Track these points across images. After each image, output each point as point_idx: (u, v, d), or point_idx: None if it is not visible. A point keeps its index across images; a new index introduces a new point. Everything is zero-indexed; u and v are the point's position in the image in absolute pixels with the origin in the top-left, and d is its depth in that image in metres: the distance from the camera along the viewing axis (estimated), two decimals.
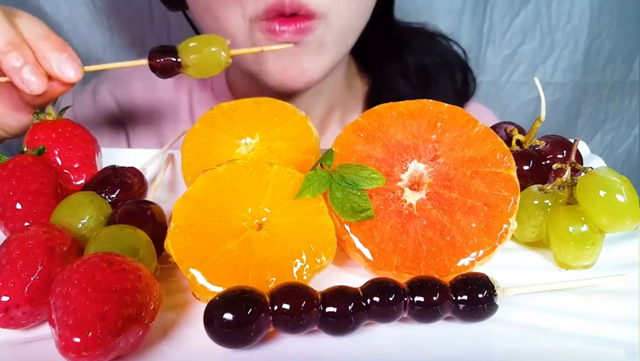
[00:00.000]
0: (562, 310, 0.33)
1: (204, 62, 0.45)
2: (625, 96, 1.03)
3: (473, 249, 0.34)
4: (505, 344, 0.31)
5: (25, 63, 0.40)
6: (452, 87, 0.76)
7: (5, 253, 0.30)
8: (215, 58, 0.45)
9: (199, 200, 0.34)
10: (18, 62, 0.40)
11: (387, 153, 0.37)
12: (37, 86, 0.40)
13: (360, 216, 0.34)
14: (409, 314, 0.31)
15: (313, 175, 0.35)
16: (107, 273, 0.27)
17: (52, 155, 0.40)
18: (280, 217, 0.34)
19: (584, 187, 0.36)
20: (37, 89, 0.40)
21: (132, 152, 0.52)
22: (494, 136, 0.37)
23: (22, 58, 0.40)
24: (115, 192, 0.38)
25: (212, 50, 0.45)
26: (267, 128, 0.43)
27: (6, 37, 0.40)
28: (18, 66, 0.40)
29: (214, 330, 0.28)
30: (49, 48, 0.41)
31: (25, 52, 0.40)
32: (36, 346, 0.30)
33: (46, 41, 0.41)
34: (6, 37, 0.40)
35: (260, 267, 0.32)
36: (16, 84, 0.40)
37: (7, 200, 0.36)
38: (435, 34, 0.77)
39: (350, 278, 0.36)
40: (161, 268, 0.34)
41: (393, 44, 0.74)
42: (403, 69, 0.74)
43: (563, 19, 0.94)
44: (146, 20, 0.86)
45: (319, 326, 0.30)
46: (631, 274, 0.34)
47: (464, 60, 0.77)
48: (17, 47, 0.40)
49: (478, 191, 0.35)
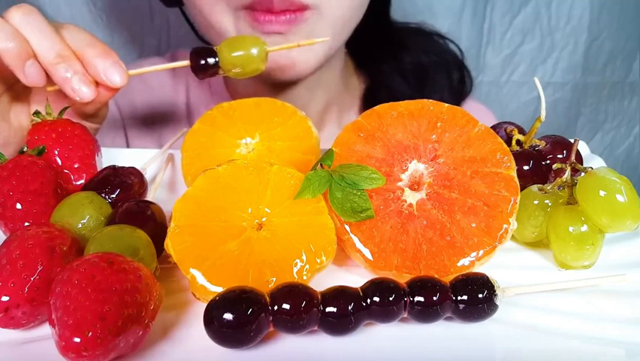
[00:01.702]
0: (562, 310, 0.33)
1: (243, 63, 0.46)
2: (625, 96, 1.03)
3: (473, 249, 0.34)
4: (505, 344, 0.31)
5: (74, 73, 0.42)
6: (449, 85, 0.76)
7: (5, 253, 0.30)
8: (253, 58, 0.46)
9: (199, 200, 0.34)
10: (68, 72, 0.42)
11: (387, 153, 0.37)
12: (87, 94, 0.42)
13: (360, 216, 0.34)
14: (409, 314, 0.31)
15: (313, 175, 0.35)
16: (107, 273, 0.27)
17: (52, 155, 0.40)
18: (280, 217, 0.34)
19: (584, 187, 0.36)
20: (86, 96, 0.42)
21: (132, 152, 0.52)
22: (494, 136, 0.37)
23: (72, 69, 0.42)
24: (115, 192, 0.38)
25: (252, 50, 0.46)
26: (268, 129, 0.43)
27: (56, 50, 0.42)
28: (68, 77, 0.42)
29: (214, 330, 0.28)
30: (95, 55, 0.43)
31: (74, 62, 0.42)
32: (36, 346, 0.30)
33: (92, 49, 0.43)
34: (56, 50, 0.42)
35: (260, 267, 0.32)
36: (67, 93, 0.42)
37: (7, 200, 0.36)
38: (431, 33, 0.77)
39: (350, 278, 0.36)
40: (161, 268, 0.34)
41: (390, 43, 0.74)
42: (399, 68, 0.74)
43: (562, 20, 0.95)
44: (146, 20, 0.86)
45: (319, 326, 0.30)
46: (631, 274, 0.34)
47: (461, 59, 0.78)
48: (66, 58, 0.42)
49: (478, 191, 0.35)
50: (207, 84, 0.73)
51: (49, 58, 0.42)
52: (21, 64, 0.41)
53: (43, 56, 0.42)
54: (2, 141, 0.45)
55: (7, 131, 0.45)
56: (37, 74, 0.42)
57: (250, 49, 0.46)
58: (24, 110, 0.47)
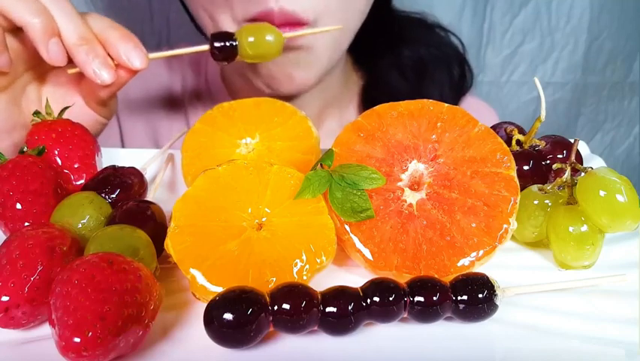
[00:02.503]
0: (562, 310, 0.33)
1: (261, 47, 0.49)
2: (625, 96, 1.03)
3: (473, 249, 0.34)
4: (505, 344, 0.31)
5: (96, 56, 0.43)
6: (449, 80, 0.75)
7: (5, 253, 0.30)
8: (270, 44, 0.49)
9: (199, 200, 0.34)
10: (90, 55, 0.43)
11: (387, 153, 0.37)
12: (107, 77, 0.43)
13: (360, 216, 0.34)
14: (409, 314, 0.31)
15: (313, 175, 0.35)
16: (107, 273, 0.27)
17: (52, 155, 0.40)
18: (280, 217, 0.34)
19: (584, 187, 0.36)
20: (107, 79, 0.43)
21: (132, 152, 0.52)
22: (494, 136, 0.37)
23: (93, 52, 0.43)
24: (115, 192, 0.38)
25: (268, 37, 0.48)
26: (268, 128, 0.43)
27: (79, 32, 0.43)
28: (90, 59, 0.43)
29: (214, 330, 0.28)
30: (117, 37, 0.44)
31: (96, 45, 0.44)
32: (36, 346, 0.30)
33: (114, 31, 0.45)
34: (79, 32, 0.43)
35: (260, 267, 0.32)
36: (88, 75, 0.43)
37: (7, 200, 0.36)
38: (433, 25, 0.76)
39: (350, 278, 0.36)
40: (161, 268, 0.34)
41: (390, 36, 0.74)
42: (398, 63, 0.74)
43: (562, 19, 0.95)
44: (146, 20, 0.86)
45: (319, 326, 0.30)
46: (631, 274, 0.34)
47: (462, 53, 0.77)
48: (89, 41, 0.43)
49: (478, 191, 0.35)
50: (204, 76, 0.73)
51: (73, 39, 0.43)
52: (46, 40, 0.42)
53: (68, 37, 0.43)
54: (9, 127, 0.45)
55: (16, 117, 0.45)
56: (60, 53, 0.42)
57: (266, 35, 0.48)
58: (36, 100, 0.47)
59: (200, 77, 0.73)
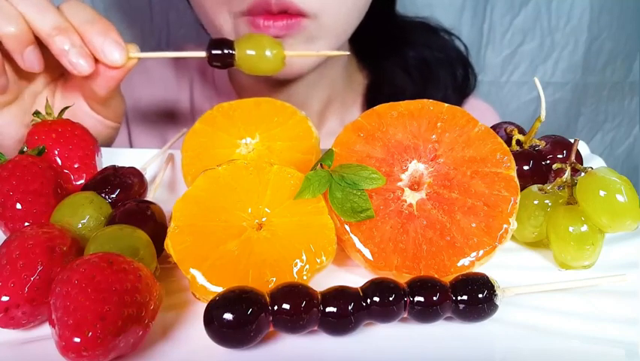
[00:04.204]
0: (562, 310, 0.33)
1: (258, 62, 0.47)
2: (625, 96, 1.03)
3: (473, 249, 0.34)
4: (505, 344, 0.31)
5: (72, 46, 0.42)
6: (452, 82, 0.76)
7: (5, 253, 0.30)
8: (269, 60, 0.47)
9: (199, 200, 0.34)
10: (65, 45, 0.41)
11: (387, 153, 0.37)
12: (85, 68, 0.42)
13: (360, 216, 0.34)
14: (409, 314, 0.31)
15: (313, 175, 0.35)
16: (107, 273, 0.27)
17: (52, 155, 0.40)
18: (280, 217, 0.34)
19: (584, 187, 0.36)
20: (84, 70, 0.42)
21: (132, 152, 0.52)
22: (494, 136, 0.37)
23: (69, 41, 0.42)
24: (115, 192, 0.38)
25: (267, 53, 0.46)
26: (268, 128, 0.43)
27: (52, 22, 0.41)
28: (65, 49, 0.41)
29: (214, 330, 0.28)
30: (94, 32, 0.43)
31: (72, 35, 0.42)
32: (36, 346, 0.30)
33: (91, 25, 0.43)
34: (52, 22, 0.41)
35: (260, 267, 0.32)
36: (65, 66, 0.42)
37: (7, 200, 0.36)
38: (437, 29, 0.77)
39: (350, 278, 0.36)
40: (161, 268, 0.34)
41: (395, 39, 0.74)
42: (403, 64, 0.74)
43: (562, 19, 0.95)
44: (146, 20, 0.86)
45: (319, 326, 0.30)
46: (631, 274, 0.34)
47: (465, 55, 0.77)
48: (64, 30, 0.42)
49: (478, 191, 0.35)
50: (212, 80, 0.73)
51: (46, 30, 0.41)
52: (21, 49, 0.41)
53: (40, 29, 0.41)
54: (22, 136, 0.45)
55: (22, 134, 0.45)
56: (35, 60, 0.42)
57: (266, 50, 0.47)
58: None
59: (207, 80, 0.73)
